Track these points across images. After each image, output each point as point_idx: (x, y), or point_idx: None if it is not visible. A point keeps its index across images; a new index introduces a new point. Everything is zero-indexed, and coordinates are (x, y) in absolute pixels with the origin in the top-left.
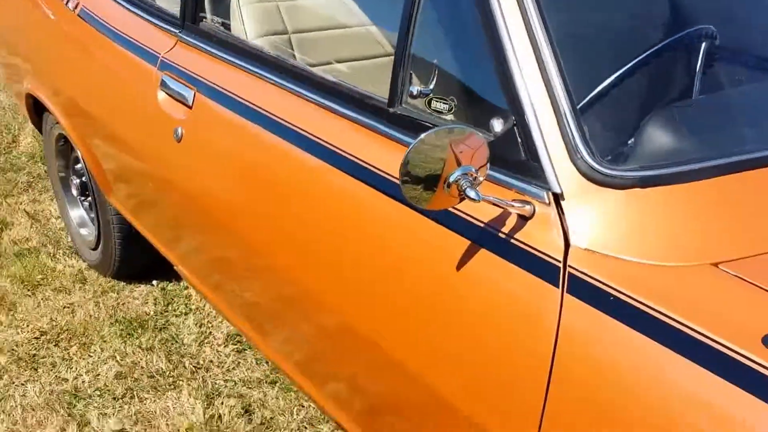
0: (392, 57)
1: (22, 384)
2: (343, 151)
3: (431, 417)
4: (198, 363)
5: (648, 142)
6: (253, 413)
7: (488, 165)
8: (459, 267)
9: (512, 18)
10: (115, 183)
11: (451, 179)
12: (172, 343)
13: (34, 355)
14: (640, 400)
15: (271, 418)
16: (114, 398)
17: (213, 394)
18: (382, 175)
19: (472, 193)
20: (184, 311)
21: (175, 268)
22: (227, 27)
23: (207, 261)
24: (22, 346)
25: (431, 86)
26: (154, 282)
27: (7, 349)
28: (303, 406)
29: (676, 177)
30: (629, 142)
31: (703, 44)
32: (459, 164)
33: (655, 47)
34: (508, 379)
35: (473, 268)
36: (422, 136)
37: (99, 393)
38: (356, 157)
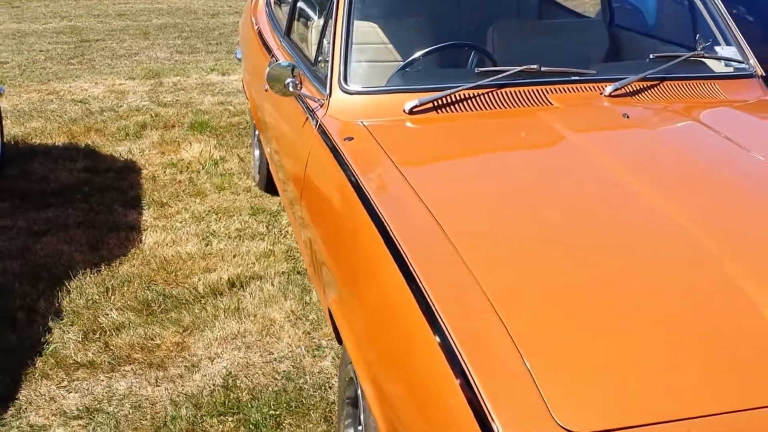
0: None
1: (187, 225)
2: None
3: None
4: (281, 231)
5: (371, 81)
6: (290, 254)
7: (291, 81)
8: (300, 120)
9: (338, 28)
10: (259, 124)
11: (284, 83)
12: (273, 221)
13: (203, 217)
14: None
15: (298, 256)
16: (229, 237)
17: (277, 242)
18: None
19: (291, 88)
20: None
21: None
22: (304, 38)
23: (280, 179)
24: (198, 213)
25: (326, 57)
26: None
27: (190, 213)
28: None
29: (374, 92)
30: (369, 79)
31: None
32: (292, 77)
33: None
34: (297, 157)
35: (306, 120)
36: (278, 62)
37: (224, 234)
38: None
